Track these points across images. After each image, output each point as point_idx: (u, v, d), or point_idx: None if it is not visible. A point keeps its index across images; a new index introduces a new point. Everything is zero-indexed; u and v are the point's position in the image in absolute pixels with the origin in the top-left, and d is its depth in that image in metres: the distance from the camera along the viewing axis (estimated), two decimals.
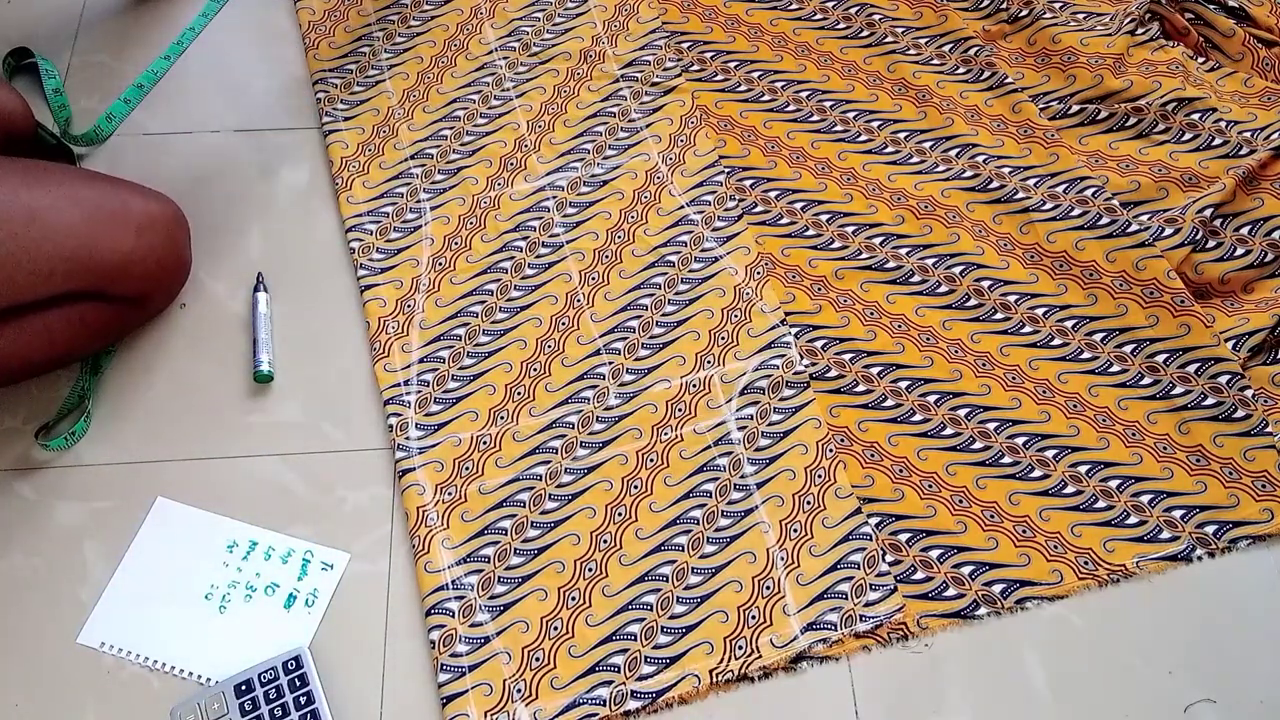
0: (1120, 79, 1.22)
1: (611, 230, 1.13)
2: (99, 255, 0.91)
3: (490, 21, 1.30)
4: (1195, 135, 1.18)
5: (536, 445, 0.99)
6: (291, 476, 0.97)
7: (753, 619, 0.89)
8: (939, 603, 0.91)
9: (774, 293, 1.08)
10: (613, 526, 0.94)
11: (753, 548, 0.93)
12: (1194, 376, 1.02)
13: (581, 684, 0.87)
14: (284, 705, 0.84)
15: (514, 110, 1.22)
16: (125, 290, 0.96)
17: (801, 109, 1.23)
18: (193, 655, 0.88)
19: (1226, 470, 0.97)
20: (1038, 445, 0.99)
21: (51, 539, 0.93)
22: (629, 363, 1.04)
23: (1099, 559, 0.93)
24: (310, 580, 0.92)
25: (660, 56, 1.27)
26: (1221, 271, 1.09)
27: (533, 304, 1.08)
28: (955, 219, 1.14)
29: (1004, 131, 1.20)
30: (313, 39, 1.28)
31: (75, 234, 0.89)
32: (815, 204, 1.15)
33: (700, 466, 0.97)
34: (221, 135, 0.86)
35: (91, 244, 0.90)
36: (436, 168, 1.17)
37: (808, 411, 1.00)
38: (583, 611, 0.90)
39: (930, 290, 1.09)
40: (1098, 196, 1.13)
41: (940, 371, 1.03)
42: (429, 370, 1.03)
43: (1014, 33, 1.31)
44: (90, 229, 0.91)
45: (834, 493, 0.96)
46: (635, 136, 1.20)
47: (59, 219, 0.89)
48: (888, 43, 1.28)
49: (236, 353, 1.04)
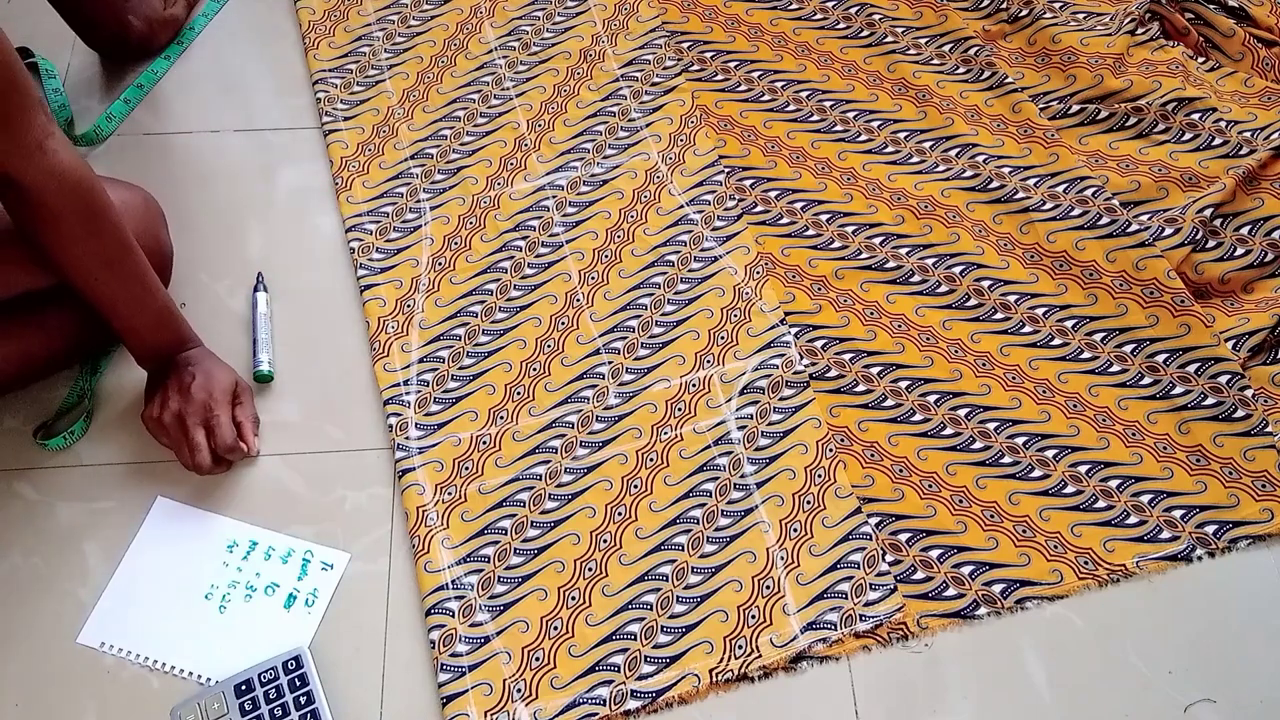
0: (1120, 79, 1.22)
1: (611, 230, 1.13)
2: None
3: (490, 21, 1.30)
4: (1195, 135, 1.18)
5: (536, 445, 0.99)
6: (291, 476, 0.97)
7: (753, 618, 0.89)
8: (939, 602, 0.91)
9: (773, 292, 1.08)
10: (613, 526, 0.94)
11: (753, 547, 0.93)
12: (1194, 376, 1.02)
13: (581, 684, 0.87)
14: (284, 705, 0.84)
15: (514, 110, 1.22)
16: None
17: (801, 109, 1.23)
18: (193, 655, 0.88)
19: (1226, 470, 0.97)
20: (1038, 445, 0.99)
21: (51, 539, 0.93)
22: (628, 362, 1.04)
23: (1099, 559, 0.93)
24: (310, 580, 0.92)
25: (660, 56, 1.27)
26: (1221, 271, 1.09)
27: (532, 304, 1.08)
28: (955, 219, 1.14)
29: (1004, 131, 1.20)
30: (313, 39, 1.28)
31: None
32: (815, 204, 1.15)
33: (700, 466, 0.97)
34: (221, 135, 0.86)
35: None
36: (436, 167, 1.17)
37: (807, 411, 1.00)
38: (583, 611, 0.90)
39: (930, 290, 1.09)
40: (1098, 196, 1.13)
41: (940, 371, 1.03)
42: (429, 370, 1.03)
43: (1014, 33, 1.31)
44: None
45: (834, 492, 0.96)
46: (635, 136, 1.20)
47: None
48: (888, 42, 1.28)
49: (236, 353, 1.04)
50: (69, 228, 0.85)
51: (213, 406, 0.94)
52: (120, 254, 0.89)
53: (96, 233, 0.87)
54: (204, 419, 0.94)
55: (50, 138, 0.82)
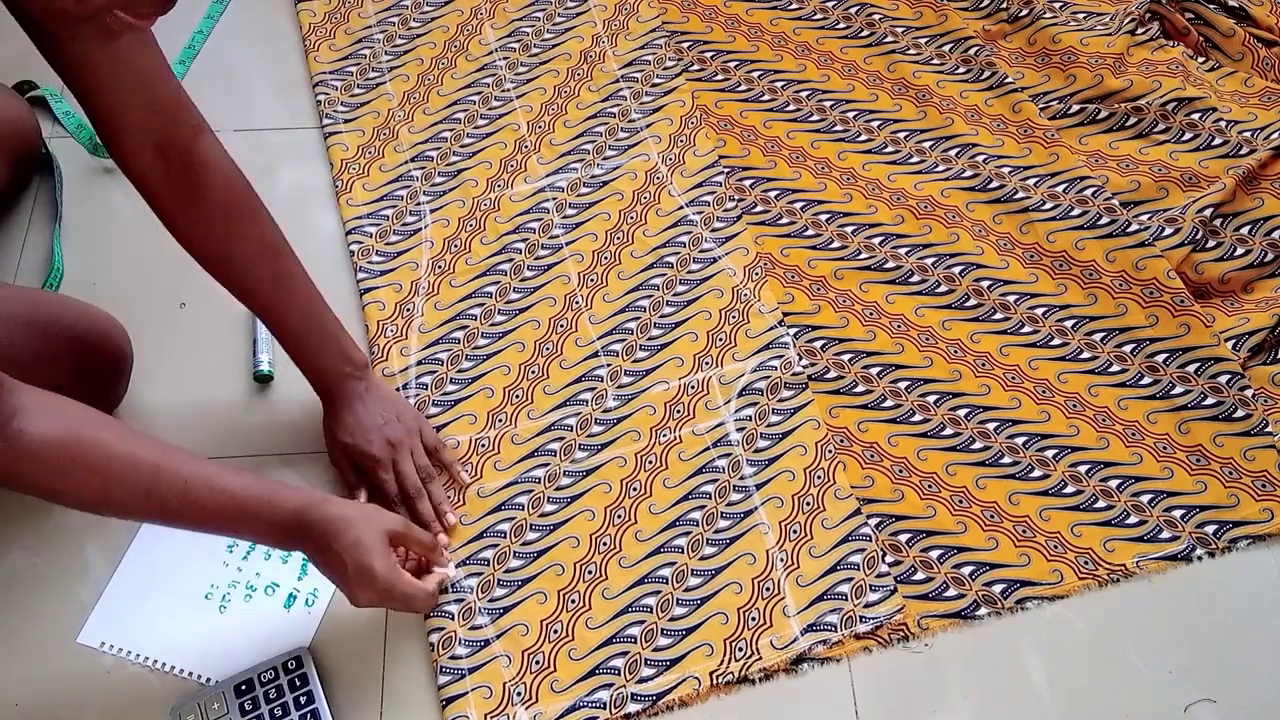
0: (1120, 79, 1.22)
1: (610, 231, 1.13)
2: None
3: (490, 22, 1.30)
4: (1195, 135, 1.18)
5: (535, 448, 0.99)
6: (291, 477, 0.97)
7: (753, 620, 0.89)
8: (939, 603, 0.91)
9: (772, 294, 1.08)
10: (612, 529, 0.94)
11: (752, 549, 0.93)
12: (1194, 376, 1.02)
13: (582, 687, 0.87)
14: (284, 705, 0.84)
15: (514, 111, 1.22)
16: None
17: (801, 109, 1.23)
18: (193, 655, 0.88)
19: (1226, 470, 0.97)
20: (1037, 445, 0.99)
21: (51, 539, 0.93)
22: (627, 364, 1.04)
23: (1099, 559, 0.93)
24: (310, 580, 0.92)
25: (660, 56, 1.27)
26: (1221, 271, 1.09)
27: (531, 306, 1.08)
28: (955, 219, 1.14)
29: (1004, 131, 1.20)
30: (313, 41, 1.28)
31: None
32: (815, 204, 1.15)
33: (699, 468, 0.97)
34: (221, 135, 0.86)
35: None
36: (436, 170, 1.17)
37: (807, 412, 1.00)
38: (583, 614, 0.90)
39: (930, 290, 1.09)
40: (1098, 196, 1.12)
41: (940, 372, 1.03)
42: (427, 373, 1.03)
43: (1014, 32, 1.30)
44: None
45: (833, 494, 0.96)
46: (635, 137, 1.20)
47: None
48: (888, 42, 1.28)
49: (236, 353, 1.04)
50: (222, 215, 0.86)
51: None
52: (273, 253, 0.89)
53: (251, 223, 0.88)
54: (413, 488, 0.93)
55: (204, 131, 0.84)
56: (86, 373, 0.94)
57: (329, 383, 0.94)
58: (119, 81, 0.78)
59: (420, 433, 0.95)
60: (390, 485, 0.92)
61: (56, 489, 0.73)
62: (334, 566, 0.78)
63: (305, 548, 0.79)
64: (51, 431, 0.70)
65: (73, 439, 0.71)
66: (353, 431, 0.93)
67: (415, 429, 0.95)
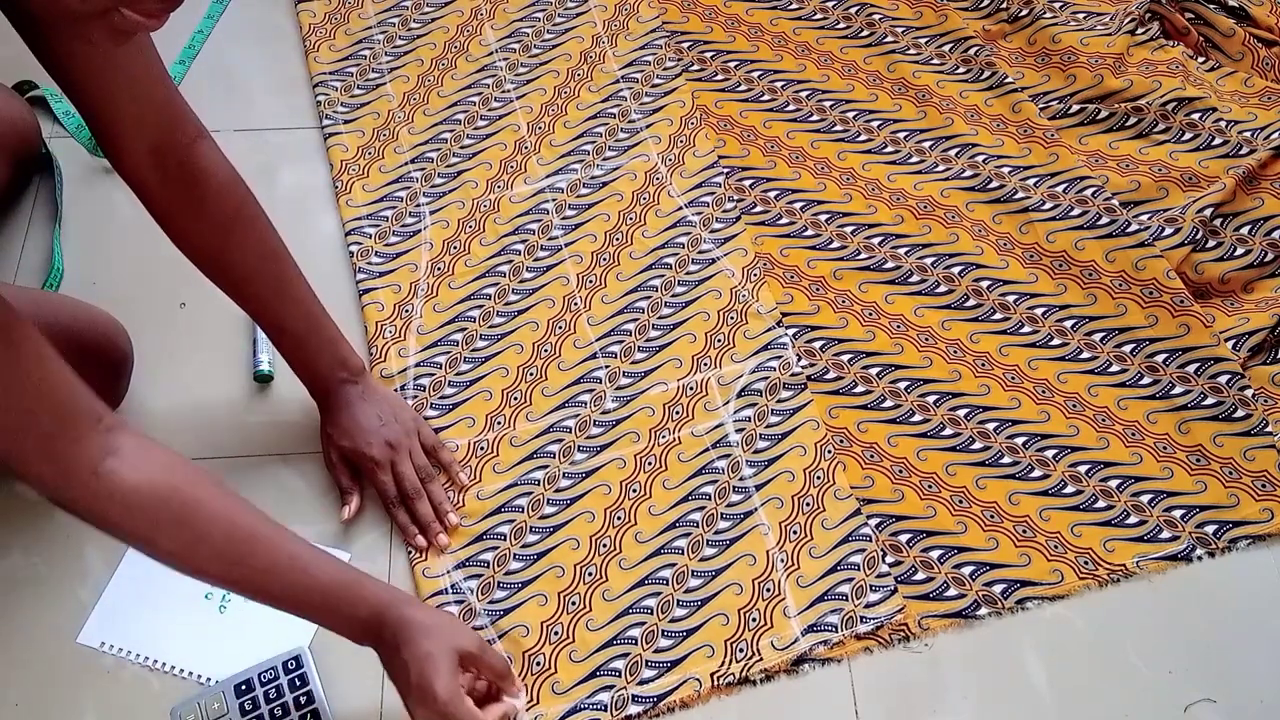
0: (1120, 79, 1.22)
1: (610, 232, 1.13)
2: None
3: (490, 23, 1.30)
4: (1195, 135, 1.18)
5: (534, 450, 0.99)
6: (291, 476, 0.97)
7: (753, 621, 0.89)
8: (939, 603, 0.91)
9: (770, 294, 1.08)
10: (612, 530, 0.94)
11: (752, 550, 0.93)
12: (1194, 376, 1.02)
13: (583, 689, 0.86)
14: (284, 705, 0.84)
15: (514, 112, 1.22)
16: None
17: (801, 109, 1.23)
18: (193, 655, 0.88)
19: (1226, 470, 0.97)
20: (1037, 445, 0.99)
21: (51, 539, 0.93)
22: (626, 366, 1.04)
23: (1099, 559, 0.93)
24: None
25: (660, 56, 1.27)
26: (1221, 271, 1.09)
27: (530, 308, 1.08)
28: (954, 219, 1.14)
29: (1004, 131, 1.20)
30: (313, 42, 1.28)
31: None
32: (814, 204, 1.15)
33: (699, 469, 0.97)
34: (221, 135, 0.86)
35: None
36: (436, 171, 1.17)
37: (806, 413, 1.00)
38: (583, 616, 0.90)
39: (929, 290, 1.09)
40: (1097, 196, 1.12)
41: (939, 372, 1.03)
42: (425, 375, 1.03)
43: (1014, 32, 1.30)
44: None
45: (833, 494, 0.96)
46: (635, 137, 1.20)
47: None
48: (887, 42, 1.28)
49: (236, 353, 1.04)
50: (220, 221, 0.86)
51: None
52: (271, 258, 0.89)
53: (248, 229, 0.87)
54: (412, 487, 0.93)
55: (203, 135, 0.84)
56: (87, 373, 0.93)
57: (325, 387, 0.94)
58: (114, 85, 0.78)
59: (418, 433, 0.95)
60: (389, 487, 0.92)
61: (144, 538, 0.72)
62: (399, 674, 0.75)
63: (379, 648, 0.76)
64: (147, 482, 0.69)
65: (169, 493, 0.70)
66: (350, 434, 0.93)
67: (413, 429, 0.95)
